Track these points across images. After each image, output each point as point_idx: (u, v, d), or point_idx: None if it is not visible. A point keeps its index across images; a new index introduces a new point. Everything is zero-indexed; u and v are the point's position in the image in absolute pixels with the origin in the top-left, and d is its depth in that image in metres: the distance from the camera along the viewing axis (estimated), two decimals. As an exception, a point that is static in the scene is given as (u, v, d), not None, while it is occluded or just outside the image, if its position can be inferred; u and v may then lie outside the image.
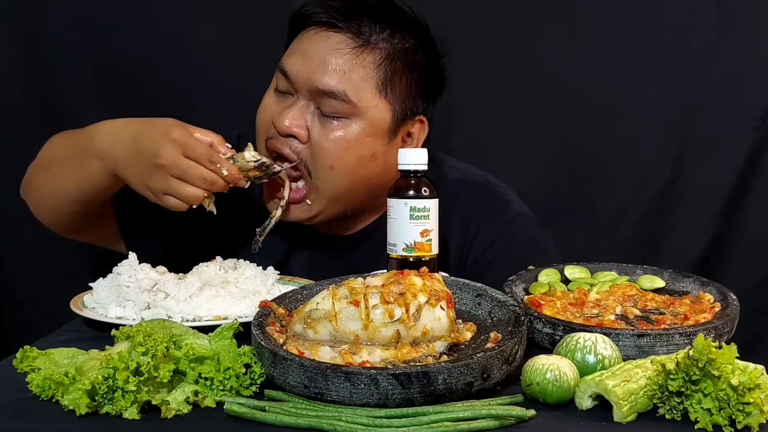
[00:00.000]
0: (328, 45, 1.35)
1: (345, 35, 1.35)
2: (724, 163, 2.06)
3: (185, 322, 1.12)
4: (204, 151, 1.27)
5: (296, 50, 1.38)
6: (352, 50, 1.35)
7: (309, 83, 1.35)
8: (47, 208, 1.49)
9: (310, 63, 1.35)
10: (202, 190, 1.27)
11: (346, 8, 1.36)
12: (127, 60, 2.05)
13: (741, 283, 1.96)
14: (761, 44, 2.02)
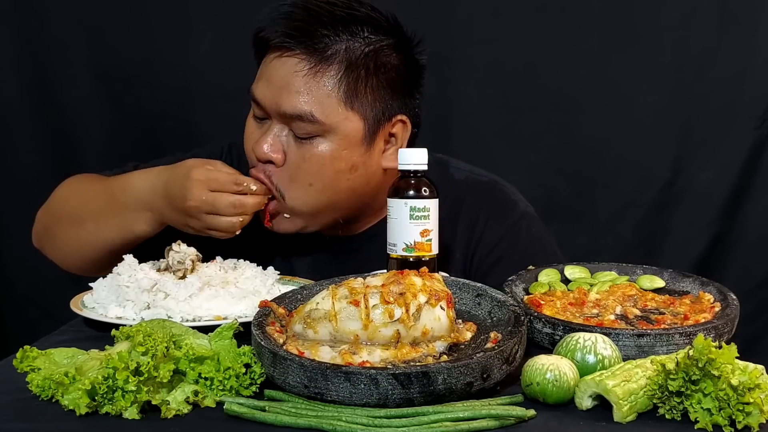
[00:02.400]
0: (286, 68, 1.34)
1: (300, 57, 1.33)
2: (724, 162, 2.07)
3: (185, 322, 1.12)
4: (226, 178, 1.31)
5: (261, 76, 1.38)
6: (308, 70, 1.33)
7: (277, 108, 1.34)
8: (78, 258, 1.49)
9: (273, 88, 1.35)
10: (236, 216, 1.30)
11: (296, 28, 1.33)
12: (127, 60, 2.06)
13: (741, 283, 1.97)
14: (761, 44, 2.02)
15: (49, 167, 2.09)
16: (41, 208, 1.53)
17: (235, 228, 1.32)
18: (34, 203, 2.07)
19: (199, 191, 1.29)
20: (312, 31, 1.33)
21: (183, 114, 2.08)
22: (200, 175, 1.29)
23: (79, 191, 1.50)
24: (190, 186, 1.29)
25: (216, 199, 1.29)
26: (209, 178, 1.30)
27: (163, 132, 2.09)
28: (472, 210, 1.49)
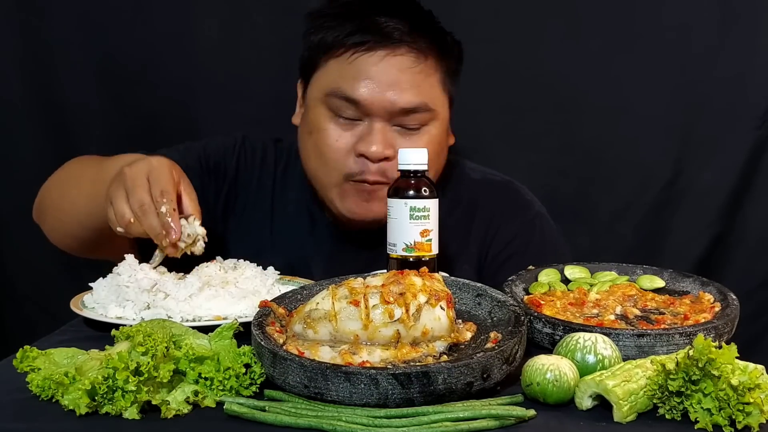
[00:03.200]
0: (395, 67, 1.38)
1: (406, 55, 1.39)
2: (725, 163, 2.07)
3: (185, 322, 1.12)
4: (165, 183, 1.23)
5: (359, 77, 1.38)
6: (416, 66, 1.39)
7: (389, 105, 1.37)
8: (61, 231, 1.50)
9: (382, 87, 1.37)
10: (130, 212, 1.22)
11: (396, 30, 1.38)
12: (128, 60, 2.06)
13: (741, 283, 1.96)
14: (762, 44, 2.02)
15: (49, 166, 2.08)
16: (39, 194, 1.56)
17: (122, 221, 1.22)
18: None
19: (138, 167, 1.24)
20: (417, 22, 1.40)
21: (184, 112, 2.08)
22: (156, 163, 1.25)
23: (75, 166, 1.52)
24: (141, 161, 1.25)
25: (138, 186, 1.22)
26: (157, 170, 1.24)
27: (164, 130, 2.09)
28: (487, 208, 1.54)
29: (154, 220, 1.20)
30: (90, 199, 1.37)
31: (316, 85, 1.43)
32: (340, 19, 1.40)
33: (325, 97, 1.40)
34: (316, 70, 1.43)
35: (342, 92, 1.38)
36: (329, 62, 1.41)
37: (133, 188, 1.21)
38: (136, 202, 1.21)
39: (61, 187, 1.49)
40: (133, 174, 1.23)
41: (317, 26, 1.42)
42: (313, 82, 1.44)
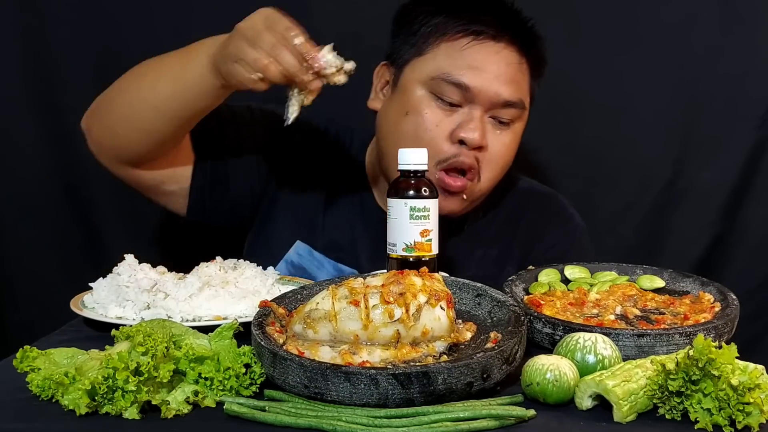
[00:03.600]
0: (503, 60, 1.42)
1: (512, 49, 1.44)
2: (726, 163, 2.06)
3: (185, 322, 1.12)
4: (287, 22, 1.22)
5: (471, 65, 1.41)
6: (518, 62, 1.45)
7: (495, 96, 1.40)
8: (124, 127, 1.41)
9: (490, 77, 1.41)
10: (264, 55, 1.19)
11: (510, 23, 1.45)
12: (128, 60, 2.05)
13: (741, 283, 1.96)
14: (763, 44, 2.02)
15: (49, 167, 2.08)
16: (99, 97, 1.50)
17: (259, 68, 1.20)
18: (35, 203, 2.08)
19: (254, 20, 1.23)
20: (520, 26, 1.47)
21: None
22: (269, 13, 1.24)
23: (146, 63, 1.45)
24: (254, 16, 1.24)
25: (262, 33, 1.21)
26: (273, 17, 1.23)
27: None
28: (532, 216, 1.61)
29: (289, 55, 1.19)
30: (175, 80, 1.34)
31: (418, 68, 1.44)
32: (456, 8, 1.45)
33: (430, 80, 1.42)
34: (421, 55, 1.45)
35: (451, 77, 1.40)
36: (439, 47, 1.43)
37: (258, 35, 1.20)
38: (266, 44, 1.19)
39: (134, 80, 1.42)
40: (250, 24, 1.22)
41: (428, 12, 1.46)
42: (413, 66, 1.45)
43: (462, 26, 1.42)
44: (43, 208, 2.09)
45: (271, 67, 1.19)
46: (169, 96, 1.34)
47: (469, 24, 1.42)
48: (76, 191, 2.09)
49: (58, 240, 2.10)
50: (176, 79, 1.33)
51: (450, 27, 1.43)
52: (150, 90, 1.36)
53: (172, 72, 1.34)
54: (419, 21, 1.46)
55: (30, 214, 2.08)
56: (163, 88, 1.34)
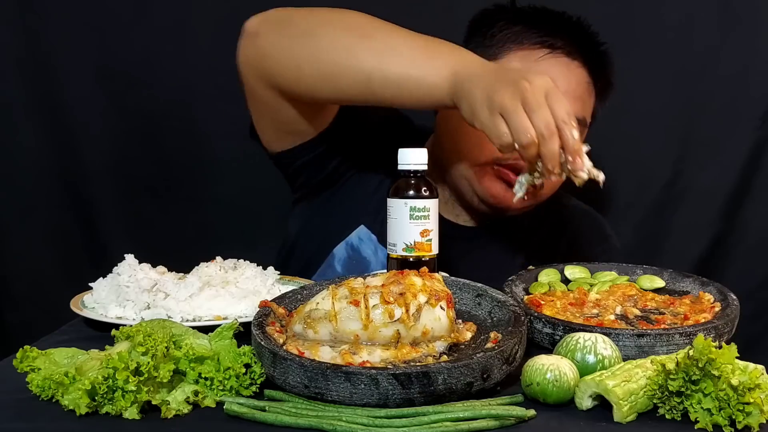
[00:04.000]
0: (574, 76, 1.46)
1: (582, 68, 1.47)
2: (725, 163, 2.07)
3: (185, 322, 1.12)
4: (568, 106, 1.13)
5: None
6: (587, 81, 1.48)
7: None
8: (312, 71, 1.29)
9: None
10: (533, 131, 1.10)
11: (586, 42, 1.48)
12: (127, 61, 2.05)
13: (741, 283, 1.96)
14: (762, 44, 2.02)
15: (49, 167, 2.08)
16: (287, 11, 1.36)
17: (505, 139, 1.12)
18: (35, 203, 2.08)
19: (542, 81, 1.13)
20: (594, 48, 1.50)
21: (184, 113, 2.08)
22: (552, 87, 1.14)
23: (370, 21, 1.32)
24: (541, 79, 1.14)
25: (543, 105, 1.11)
26: (555, 90, 1.14)
27: (164, 131, 2.09)
28: (573, 231, 1.66)
29: (556, 144, 1.11)
30: (401, 71, 1.23)
31: None
32: (535, 20, 1.47)
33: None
34: (495, 59, 1.46)
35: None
36: (514, 54, 1.46)
37: (538, 106, 1.11)
38: (542, 122, 1.10)
39: (352, 36, 1.28)
40: (535, 89, 1.12)
41: (508, 20, 1.48)
42: None
43: (539, 38, 1.45)
44: (43, 208, 2.09)
45: (532, 148, 1.11)
46: (385, 79, 1.24)
47: (546, 37, 1.45)
48: (76, 191, 2.09)
49: (58, 240, 2.11)
50: (403, 71, 1.23)
51: (528, 37, 1.45)
52: (369, 59, 1.25)
53: (402, 60, 1.24)
54: (498, 27, 1.48)
55: (30, 214, 2.08)
56: (385, 69, 1.24)
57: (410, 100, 1.25)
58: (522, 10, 1.52)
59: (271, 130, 1.48)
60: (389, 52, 1.24)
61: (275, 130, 1.47)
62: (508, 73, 1.18)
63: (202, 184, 2.11)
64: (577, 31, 1.49)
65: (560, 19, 1.49)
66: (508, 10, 1.52)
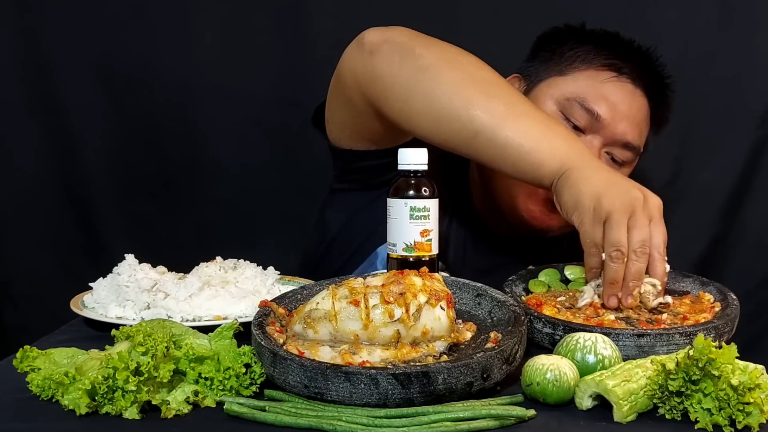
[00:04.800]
0: (635, 102, 1.46)
1: (643, 96, 1.48)
2: (725, 162, 2.07)
3: (185, 322, 1.12)
4: (646, 235, 1.11)
5: (607, 97, 1.44)
6: (647, 110, 1.50)
7: (620, 133, 1.44)
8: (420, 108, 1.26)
9: (622, 114, 1.44)
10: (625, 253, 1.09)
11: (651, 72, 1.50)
12: (127, 61, 2.06)
13: (741, 282, 1.96)
14: (762, 44, 2.02)
15: (49, 167, 2.09)
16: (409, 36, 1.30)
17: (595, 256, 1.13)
18: (35, 203, 2.08)
19: (654, 201, 1.13)
20: (659, 80, 1.51)
21: (183, 114, 2.08)
22: (650, 202, 1.13)
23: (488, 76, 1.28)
24: (631, 195, 1.12)
25: (621, 223, 1.09)
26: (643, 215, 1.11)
27: (163, 131, 2.09)
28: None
29: (621, 269, 1.09)
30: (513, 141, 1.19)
31: (556, 86, 1.47)
32: (604, 42, 1.49)
33: (564, 99, 1.44)
34: (562, 75, 1.48)
35: (587, 102, 1.42)
36: (581, 73, 1.46)
37: (643, 225, 1.10)
38: (613, 244, 1.09)
39: (473, 87, 1.24)
40: (647, 207, 1.11)
41: (577, 39, 1.50)
42: (550, 83, 1.48)
43: (608, 60, 1.46)
44: (43, 209, 2.09)
45: (618, 264, 1.09)
46: (492, 141, 1.20)
47: (615, 60, 1.46)
48: (76, 191, 2.10)
49: (58, 240, 2.11)
50: (514, 139, 1.19)
51: (596, 58, 1.47)
52: (483, 117, 1.20)
53: (517, 128, 1.19)
54: (569, 45, 1.49)
55: (30, 214, 2.09)
56: (497, 131, 1.20)
57: (509, 167, 1.21)
58: (593, 31, 1.53)
59: (348, 132, 1.46)
60: (506, 116, 1.20)
61: (353, 132, 1.45)
62: (622, 180, 1.16)
63: (202, 185, 2.12)
64: (644, 60, 1.50)
65: (629, 46, 1.51)
66: (580, 31, 1.54)
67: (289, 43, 1.84)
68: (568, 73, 1.48)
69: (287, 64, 2.05)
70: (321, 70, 1.49)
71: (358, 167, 1.49)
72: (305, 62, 2.02)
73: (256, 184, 2.10)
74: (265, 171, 2.11)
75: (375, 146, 1.44)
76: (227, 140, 2.09)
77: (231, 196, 2.11)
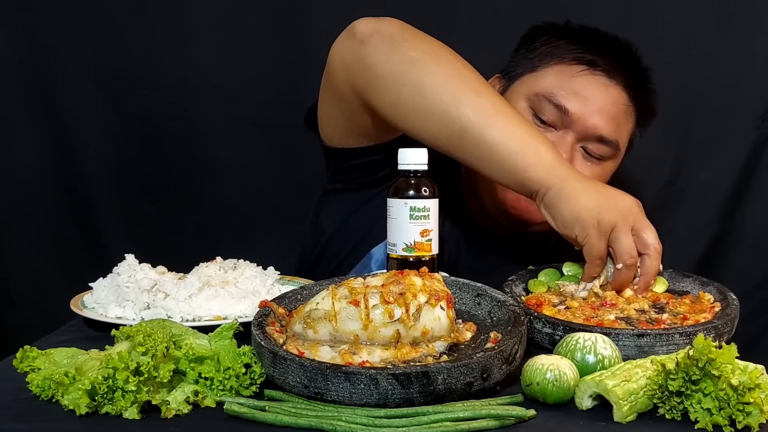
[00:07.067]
0: (610, 96, 1.44)
1: (621, 90, 1.45)
2: (725, 162, 2.07)
3: (185, 322, 1.12)
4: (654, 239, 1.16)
5: (577, 92, 1.42)
6: (625, 105, 1.46)
7: (591, 127, 1.42)
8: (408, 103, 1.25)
9: (593, 108, 1.42)
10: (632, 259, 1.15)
11: (629, 64, 1.47)
12: (126, 61, 2.06)
13: (741, 282, 1.96)
14: (761, 43, 2.02)
15: (48, 168, 2.09)
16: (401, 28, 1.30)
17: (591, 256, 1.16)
18: (34, 203, 2.08)
19: (624, 216, 1.16)
20: (637, 73, 1.48)
21: (183, 114, 2.08)
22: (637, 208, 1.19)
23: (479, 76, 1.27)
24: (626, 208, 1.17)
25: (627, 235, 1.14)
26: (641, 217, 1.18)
27: (163, 132, 2.09)
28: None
29: (633, 273, 1.17)
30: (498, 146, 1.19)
31: (527, 83, 1.46)
32: (579, 36, 1.48)
33: (533, 95, 1.43)
34: (534, 71, 1.47)
35: (554, 98, 1.41)
36: (552, 68, 1.45)
37: (625, 234, 1.14)
38: (626, 252, 1.14)
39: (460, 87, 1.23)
40: (621, 219, 1.15)
41: (552, 34, 1.49)
42: (524, 80, 1.48)
43: (579, 53, 1.44)
44: (43, 209, 2.09)
45: (632, 273, 1.17)
46: (479, 139, 1.20)
47: (586, 53, 1.44)
48: (76, 192, 2.10)
49: (58, 240, 2.11)
50: (501, 139, 1.19)
51: (568, 51, 1.45)
52: (471, 114, 1.20)
53: (505, 128, 1.20)
54: (542, 40, 1.49)
55: (30, 214, 2.09)
56: (484, 130, 1.20)
57: (494, 169, 1.21)
58: (568, 27, 1.52)
59: (340, 128, 1.45)
60: (494, 116, 1.20)
61: (344, 128, 1.44)
62: (609, 189, 1.20)
63: (201, 185, 2.12)
64: (621, 53, 1.48)
65: (604, 39, 1.49)
66: (556, 27, 1.52)
67: (289, 43, 1.84)
68: (539, 68, 1.46)
69: (287, 64, 2.04)
70: (321, 70, 1.48)
71: (351, 165, 1.48)
72: (305, 62, 2.01)
73: (255, 184, 2.10)
74: (265, 171, 2.11)
75: (367, 142, 1.43)
76: (227, 140, 2.09)
77: (231, 196, 2.11)
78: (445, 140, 1.24)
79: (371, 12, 1.35)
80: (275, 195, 2.11)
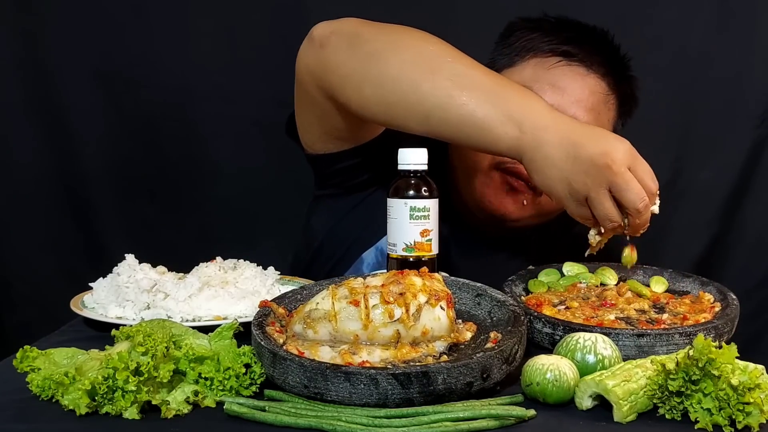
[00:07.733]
0: (586, 85, 1.42)
1: (599, 79, 1.44)
2: (725, 162, 2.07)
3: (185, 322, 1.12)
4: (653, 180, 1.12)
5: (553, 84, 1.41)
6: (604, 92, 1.44)
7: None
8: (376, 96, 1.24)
9: (570, 99, 1.40)
10: (619, 216, 1.12)
11: (607, 53, 1.46)
12: (126, 61, 2.06)
13: (741, 282, 1.97)
14: (761, 43, 2.02)
15: (48, 168, 2.09)
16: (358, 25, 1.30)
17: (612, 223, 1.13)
18: (34, 204, 2.08)
19: (625, 156, 1.10)
20: (616, 60, 1.47)
21: (182, 114, 2.08)
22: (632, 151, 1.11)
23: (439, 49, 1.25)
24: (619, 146, 1.10)
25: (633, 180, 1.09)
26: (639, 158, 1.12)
27: (162, 132, 2.09)
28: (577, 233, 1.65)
29: (649, 214, 1.13)
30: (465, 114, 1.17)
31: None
32: (554, 28, 1.46)
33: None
34: (511, 66, 1.47)
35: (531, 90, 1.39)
36: (528, 62, 1.45)
37: (627, 184, 1.09)
38: (636, 199, 1.09)
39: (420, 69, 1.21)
40: (619, 166, 1.09)
41: (528, 28, 1.48)
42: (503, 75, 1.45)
43: (555, 45, 1.43)
44: (43, 209, 2.09)
45: (618, 230, 1.15)
46: (444, 120, 1.19)
47: (561, 44, 1.43)
48: (76, 192, 2.10)
49: (58, 240, 2.11)
50: (465, 114, 1.17)
51: (543, 44, 1.44)
52: (430, 97, 1.19)
53: (466, 102, 1.17)
54: (518, 35, 1.48)
55: (30, 215, 2.09)
56: (446, 109, 1.18)
57: (469, 143, 1.21)
58: (543, 19, 1.51)
59: (317, 134, 1.45)
60: (453, 92, 1.18)
61: (321, 133, 1.44)
62: (582, 146, 1.11)
63: (201, 185, 2.12)
64: (597, 43, 1.46)
65: (580, 30, 1.48)
66: (530, 20, 1.51)
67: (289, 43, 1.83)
68: (516, 63, 1.46)
69: (287, 64, 2.04)
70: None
71: (334, 170, 1.48)
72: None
73: (255, 184, 2.10)
74: (265, 171, 2.11)
75: (345, 145, 1.43)
76: (226, 140, 2.09)
77: (231, 197, 2.11)
78: (416, 126, 1.23)
79: (371, 12, 1.35)
80: (275, 195, 2.11)
